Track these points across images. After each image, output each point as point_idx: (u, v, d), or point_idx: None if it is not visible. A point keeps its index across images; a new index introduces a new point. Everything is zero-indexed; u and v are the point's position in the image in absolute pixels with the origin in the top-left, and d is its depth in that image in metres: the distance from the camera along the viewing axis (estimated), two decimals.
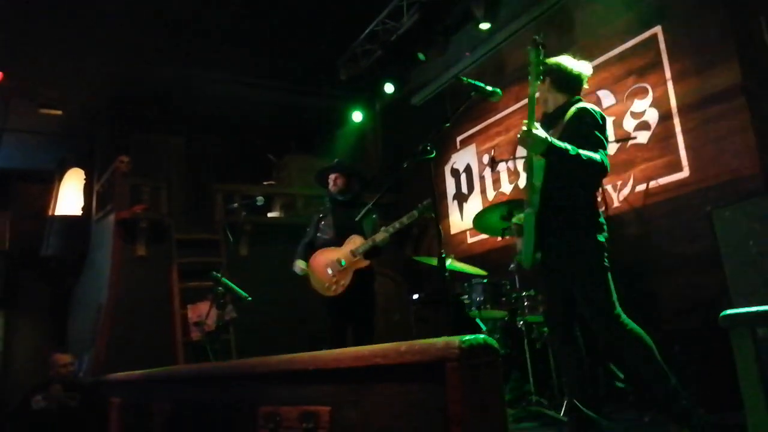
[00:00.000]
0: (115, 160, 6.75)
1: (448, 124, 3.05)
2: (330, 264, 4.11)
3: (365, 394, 1.43)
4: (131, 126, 8.11)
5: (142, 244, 6.44)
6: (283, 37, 7.37)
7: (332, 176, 4.38)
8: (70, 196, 9.05)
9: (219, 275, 5.29)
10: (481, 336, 1.26)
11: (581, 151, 2.72)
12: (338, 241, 4.15)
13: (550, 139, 2.70)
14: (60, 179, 9.27)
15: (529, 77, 2.85)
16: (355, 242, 4.07)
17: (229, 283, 5.26)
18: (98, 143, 8.57)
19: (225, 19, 7.00)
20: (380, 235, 4.00)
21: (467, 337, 1.22)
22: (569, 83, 3.09)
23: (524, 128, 2.71)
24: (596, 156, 2.76)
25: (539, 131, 2.70)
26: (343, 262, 4.06)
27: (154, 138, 8.18)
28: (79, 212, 8.75)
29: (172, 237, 6.63)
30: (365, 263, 4.05)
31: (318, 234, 4.32)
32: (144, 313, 6.23)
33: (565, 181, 2.83)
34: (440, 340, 1.26)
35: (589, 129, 2.88)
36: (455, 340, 1.23)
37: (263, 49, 7.61)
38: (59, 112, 7.88)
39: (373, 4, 6.83)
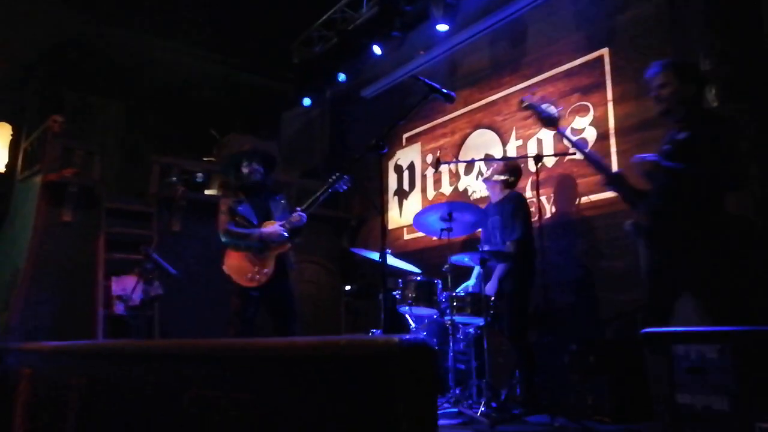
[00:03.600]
0: (47, 119, 6.41)
1: (402, 122, 3.06)
2: (248, 252, 4.03)
3: (299, 387, 1.43)
4: (68, 84, 7.73)
5: (68, 210, 6.15)
6: (239, 12, 7.21)
7: (246, 162, 4.19)
8: None
9: (149, 249, 5.15)
10: (421, 336, 1.29)
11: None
12: (258, 225, 4.06)
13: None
14: None
15: None
16: (272, 227, 4.01)
17: (159, 258, 5.13)
18: (30, 98, 8.11)
19: None
20: (295, 217, 4.00)
21: (407, 337, 1.25)
22: None
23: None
24: None
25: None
26: (264, 252, 4.00)
27: (92, 100, 7.82)
28: (2, 169, 8.27)
29: (102, 205, 6.37)
30: (286, 247, 4.01)
31: (237, 219, 4.14)
32: (64, 282, 5.96)
33: None
34: (380, 338, 1.27)
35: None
36: (395, 338, 1.25)
37: (217, 22, 7.43)
38: None
39: None
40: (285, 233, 3.96)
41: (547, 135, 5.59)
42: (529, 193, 5.40)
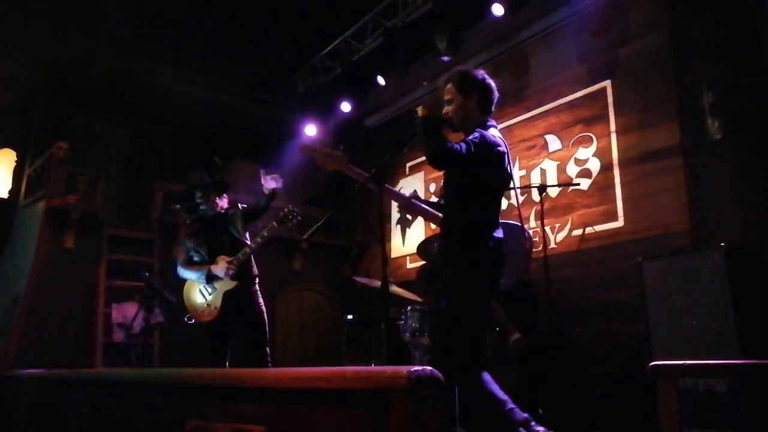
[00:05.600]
0: (52, 146, 6.45)
1: (404, 150, 3.07)
2: (201, 288, 4.04)
3: (304, 418, 1.41)
4: (73, 111, 7.79)
5: (71, 236, 6.15)
6: (244, 42, 7.30)
7: (204, 194, 4.10)
8: None
9: (149, 276, 5.12)
10: (429, 368, 1.26)
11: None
12: (210, 260, 4.01)
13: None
14: None
15: None
16: (221, 265, 3.95)
17: (159, 286, 5.10)
18: (35, 125, 8.17)
19: (187, 15, 6.88)
20: (243, 254, 3.98)
21: (415, 368, 1.23)
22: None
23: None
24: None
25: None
26: (214, 288, 3.97)
27: (97, 127, 7.88)
28: (5, 195, 8.30)
29: (103, 232, 6.36)
30: (232, 284, 3.98)
31: (192, 254, 4.10)
32: (64, 309, 5.92)
33: None
34: (388, 369, 1.25)
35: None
36: (403, 370, 1.23)
37: (222, 51, 7.52)
38: None
39: (338, 23, 6.88)
40: (231, 272, 3.94)
41: (550, 165, 5.61)
42: (533, 223, 5.40)
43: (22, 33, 6.85)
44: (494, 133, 2.87)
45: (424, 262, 4.28)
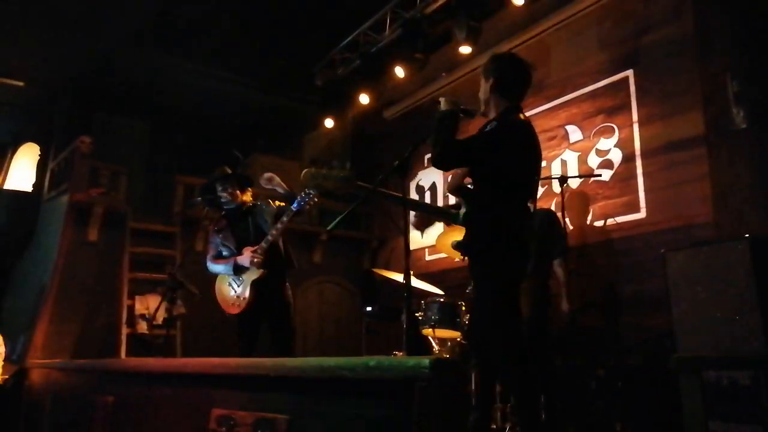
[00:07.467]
0: (75, 140, 6.53)
1: (425, 142, 3.05)
2: (230, 281, 4.07)
3: (327, 407, 1.42)
4: (95, 105, 7.89)
5: (94, 229, 6.24)
6: (262, 35, 7.32)
7: (224, 187, 4.18)
8: (21, 171, 8.72)
9: (173, 269, 5.20)
10: (450, 358, 1.27)
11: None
12: (238, 253, 4.05)
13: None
14: (13, 152, 8.93)
15: None
16: (246, 255, 3.97)
17: (182, 278, 5.16)
18: (58, 119, 8.29)
19: (205, 11, 6.91)
20: (266, 242, 3.99)
21: (437, 359, 1.23)
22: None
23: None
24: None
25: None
26: (241, 278, 4.01)
27: (118, 121, 7.97)
28: (29, 188, 8.43)
29: (126, 225, 6.44)
30: (259, 273, 4.00)
31: (221, 249, 4.15)
32: (89, 301, 6.02)
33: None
34: (410, 359, 1.26)
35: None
36: (425, 360, 1.23)
37: (240, 45, 7.54)
38: (21, 83, 7.59)
39: (357, 14, 6.86)
40: (256, 261, 3.95)
41: (571, 156, 5.56)
42: None
43: (44, 31, 6.94)
44: (521, 118, 2.83)
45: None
